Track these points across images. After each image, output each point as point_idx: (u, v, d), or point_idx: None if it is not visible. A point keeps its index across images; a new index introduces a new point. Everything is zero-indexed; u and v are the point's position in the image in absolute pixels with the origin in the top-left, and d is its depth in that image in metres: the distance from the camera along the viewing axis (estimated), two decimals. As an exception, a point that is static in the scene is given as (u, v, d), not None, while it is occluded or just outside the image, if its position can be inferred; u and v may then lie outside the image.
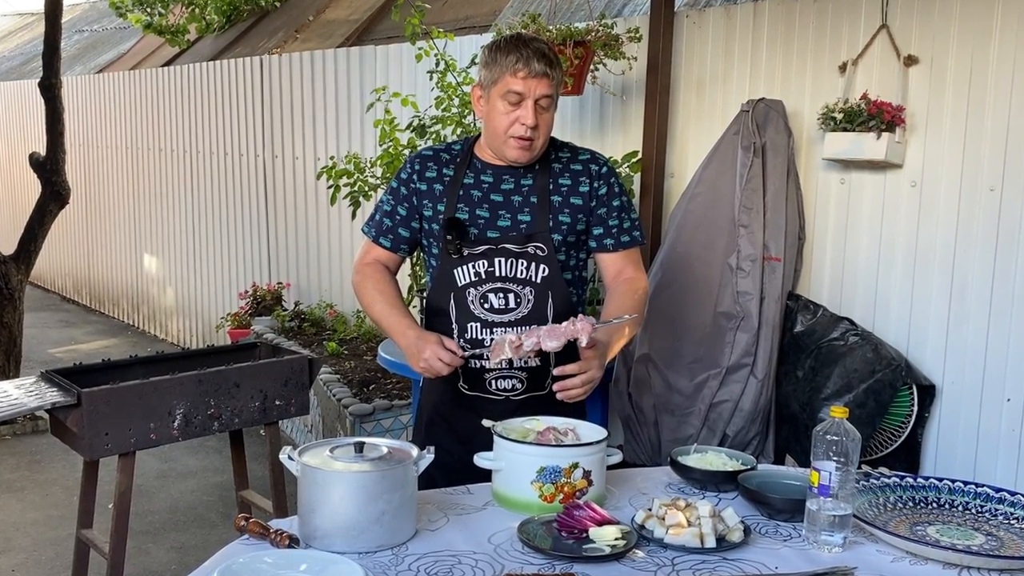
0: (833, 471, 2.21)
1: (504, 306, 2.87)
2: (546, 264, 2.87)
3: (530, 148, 2.84)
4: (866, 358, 4.31)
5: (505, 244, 2.87)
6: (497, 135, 2.85)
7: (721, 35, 5.04)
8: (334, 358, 7.02)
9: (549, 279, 2.88)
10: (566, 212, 2.90)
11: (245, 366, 4.32)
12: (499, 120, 2.83)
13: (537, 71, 2.77)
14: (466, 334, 2.88)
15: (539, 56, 2.78)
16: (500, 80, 2.81)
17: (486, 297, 2.87)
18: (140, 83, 10.84)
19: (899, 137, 4.27)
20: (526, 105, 2.79)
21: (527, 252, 2.87)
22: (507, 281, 2.87)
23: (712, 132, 4.92)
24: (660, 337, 4.75)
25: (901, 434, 4.34)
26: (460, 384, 2.95)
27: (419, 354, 2.80)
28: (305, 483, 2.26)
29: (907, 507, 2.48)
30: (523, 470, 2.44)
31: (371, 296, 3.02)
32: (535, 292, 2.87)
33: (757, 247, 4.51)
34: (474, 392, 2.94)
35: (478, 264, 2.87)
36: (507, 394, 2.91)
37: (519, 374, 2.90)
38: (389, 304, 2.99)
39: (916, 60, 4.29)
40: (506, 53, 2.80)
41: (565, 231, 2.89)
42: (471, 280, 2.88)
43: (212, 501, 5.91)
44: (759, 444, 4.60)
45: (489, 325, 2.87)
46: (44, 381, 4.02)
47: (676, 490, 2.69)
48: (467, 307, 2.88)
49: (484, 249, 2.87)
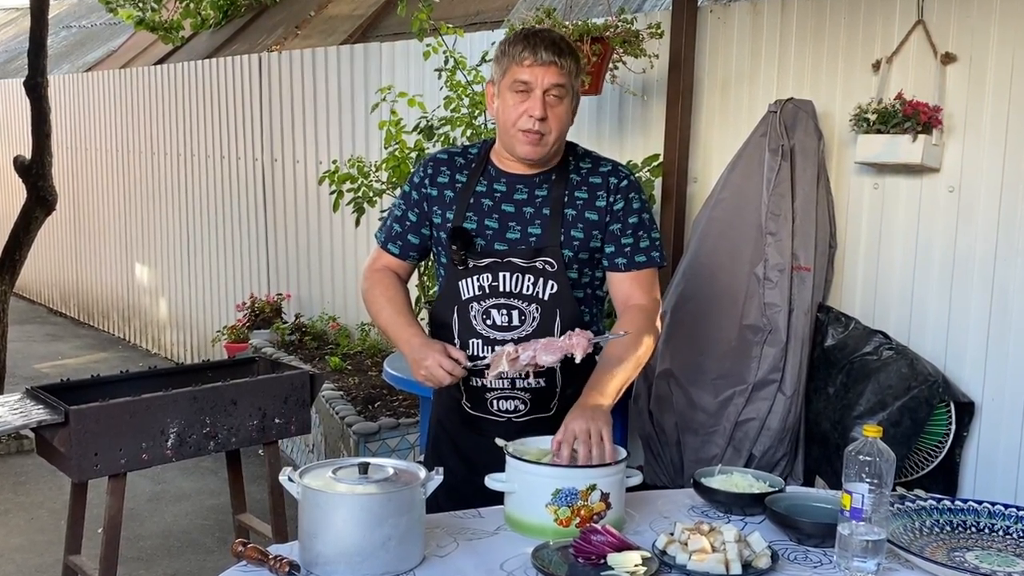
0: (866, 493, 2.21)
1: (507, 323, 2.86)
2: (555, 280, 2.85)
3: (540, 143, 2.82)
4: (901, 374, 4.31)
5: (512, 258, 2.86)
6: (506, 130, 2.86)
7: (747, 31, 5.06)
8: (337, 374, 7.03)
9: (557, 296, 2.86)
10: (579, 227, 2.88)
11: (243, 382, 4.33)
12: (507, 113, 2.83)
13: (544, 59, 2.77)
14: (467, 350, 2.87)
15: (547, 44, 2.78)
16: (508, 71, 2.82)
17: (488, 313, 2.87)
18: (131, 82, 10.88)
19: (936, 139, 4.27)
20: (534, 96, 2.79)
21: (535, 267, 2.85)
22: (511, 297, 2.86)
23: (738, 134, 4.93)
24: (682, 352, 4.76)
25: (938, 454, 4.33)
26: (463, 403, 2.96)
27: (421, 361, 2.80)
28: (306, 506, 2.27)
29: (944, 532, 2.48)
30: (537, 492, 2.45)
31: (378, 303, 3.03)
32: (541, 310, 2.86)
33: (785, 256, 4.52)
34: (476, 412, 2.95)
35: (482, 277, 2.87)
36: (509, 415, 2.92)
37: (522, 395, 2.90)
38: (396, 311, 2.99)
39: (954, 58, 4.30)
40: (514, 44, 2.82)
41: (577, 247, 2.88)
42: (475, 294, 2.88)
43: (208, 526, 5.92)
44: (787, 465, 4.59)
45: (491, 342, 2.87)
46: (29, 398, 4.03)
47: (699, 513, 2.70)
48: (469, 322, 2.89)
49: (489, 262, 2.86)
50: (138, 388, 4.23)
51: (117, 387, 4.27)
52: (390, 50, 7.50)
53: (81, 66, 12.80)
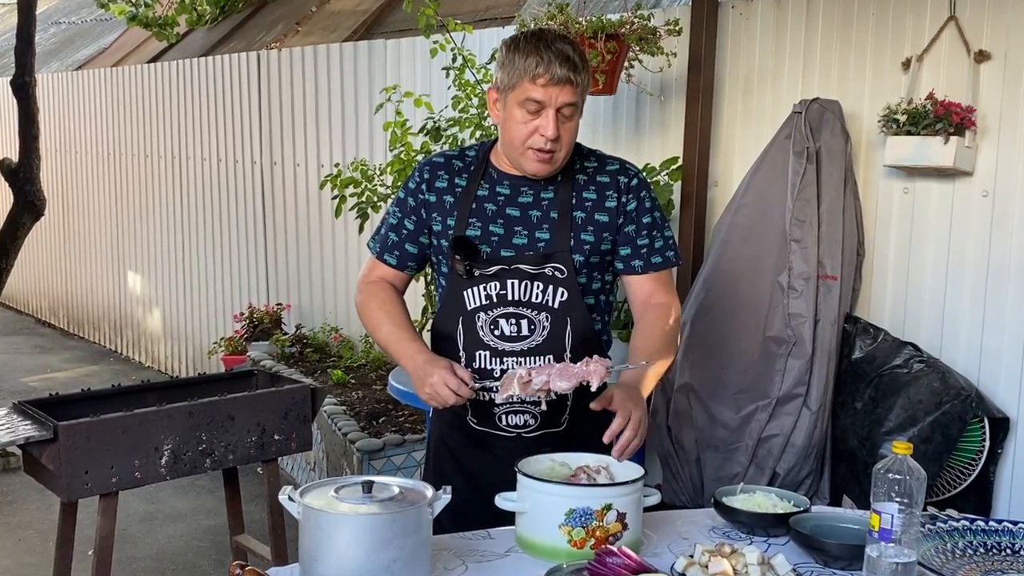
0: (895, 513, 2.22)
1: (516, 333, 2.87)
2: (565, 288, 2.86)
3: (551, 161, 2.82)
4: (932, 388, 4.31)
5: (520, 264, 2.86)
6: (514, 146, 2.84)
7: (771, 28, 5.06)
8: (339, 388, 7.05)
9: (568, 304, 2.87)
10: (589, 230, 2.89)
11: (240, 397, 4.34)
12: (516, 130, 2.81)
13: (559, 77, 2.73)
14: (474, 363, 2.88)
15: (562, 60, 2.74)
16: (518, 86, 2.77)
17: (496, 323, 2.87)
18: (123, 81, 10.92)
19: (969, 141, 4.27)
20: (546, 115, 2.76)
21: (544, 274, 2.86)
22: (520, 306, 2.86)
23: (760, 136, 4.94)
24: (702, 364, 4.76)
25: (971, 472, 4.33)
26: (469, 418, 2.96)
27: (426, 379, 2.80)
28: (307, 527, 2.28)
29: (978, 553, 2.49)
30: (550, 512, 2.45)
31: (376, 318, 3.03)
32: (551, 318, 2.86)
33: (811, 264, 4.52)
34: (483, 427, 2.95)
35: (489, 286, 2.87)
36: (519, 431, 2.91)
37: (532, 409, 2.89)
38: (396, 326, 2.99)
39: (988, 56, 4.30)
40: (525, 55, 2.76)
41: (588, 251, 2.89)
42: (481, 304, 2.88)
43: (204, 547, 5.93)
44: (813, 483, 4.60)
45: (499, 354, 2.87)
46: (16, 413, 4.04)
47: (721, 534, 2.70)
48: (476, 333, 2.89)
49: (496, 270, 2.86)
50: (131, 403, 4.23)
51: (108, 402, 4.27)
52: (395, 47, 7.52)
53: (71, 64, 12.84)
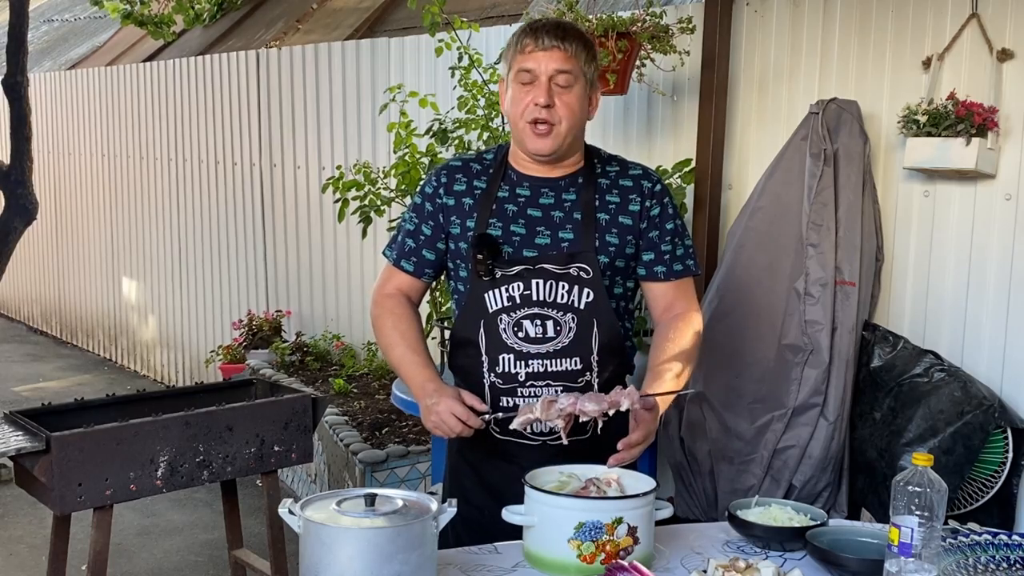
0: (916, 527, 2.22)
1: (542, 334, 2.88)
2: (591, 288, 2.88)
3: (550, 134, 2.86)
4: (953, 397, 4.30)
5: (544, 264, 2.88)
6: (515, 124, 2.91)
7: (787, 26, 5.07)
8: (341, 397, 7.05)
9: (594, 305, 2.88)
10: (614, 232, 2.92)
11: (239, 407, 4.35)
12: (515, 107, 2.89)
13: (546, 43, 2.82)
14: (497, 367, 2.90)
15: (549, 29, 2.84)
16: (513, 63, 2.89)
17: (520, 324, 2.88)
18: (118, 81, 10.95)
19: (991, 143, 4.27)
20: (539, 83, 2.83)
21: (569, 274, 2.88)
22: (545, 306, 2.88)
23: (776, 137, 4.94)
24: (716, 373, 4.76)
25: (994, 484, 4.32)
26: (492, 427, 2.95)
27: (432, 407, 2.83)
28: (308, 541, 2.28)
29: (1001, 568, 2.49)
30: (559, 526, 2.46)
31: (391, 338, 3.06)
32: (578, 319, 2.88)
33: (828, 270, 4.52)
34: (505, 436, 2.94)
35: (512, 287, 2.88)
36: (544, 439, 2.92)
37: None
38: (410, 348, 3.02)
39: (1011, 55, 4.30)
40: (518, 35, 2.89)
41: (612, 253, 2.91)
42: (504, 305, 2.89)
43: (201, 562, 5.94)
44: (830, 496, 4.59)
45: (523, 356, 2.88)
46: (8, 423, 4.04)
47: (735, 549, 2.71)
48: (499, 336, 2.90)
49: (520, 270, 2.88)
50: (125, 413, 4.23)
51: (103, 412, 4.27)
52: (399, 46, 7.53)
53: (64, 63, 12.86)
